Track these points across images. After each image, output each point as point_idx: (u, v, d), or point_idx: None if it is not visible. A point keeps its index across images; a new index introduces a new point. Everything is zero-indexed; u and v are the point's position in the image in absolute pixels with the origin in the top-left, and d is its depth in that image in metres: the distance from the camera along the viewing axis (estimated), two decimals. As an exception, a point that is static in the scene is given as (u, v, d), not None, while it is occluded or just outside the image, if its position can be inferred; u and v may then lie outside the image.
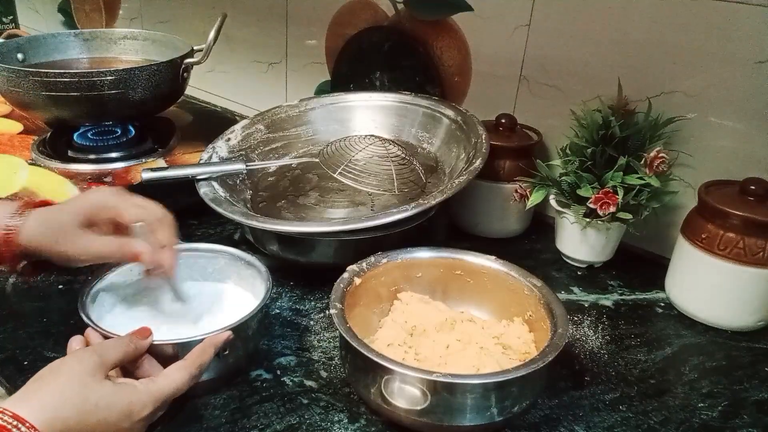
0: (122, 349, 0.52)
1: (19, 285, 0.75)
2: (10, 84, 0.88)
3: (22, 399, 0.46)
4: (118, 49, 1.14)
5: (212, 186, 0.81)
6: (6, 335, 0.67)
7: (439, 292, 0.69)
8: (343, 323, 0.56)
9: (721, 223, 0.70)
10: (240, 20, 1.28)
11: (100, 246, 0.59)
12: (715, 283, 0.71)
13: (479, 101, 0.99)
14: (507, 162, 0.87)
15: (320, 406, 0.59)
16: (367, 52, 1.10)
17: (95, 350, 0.51)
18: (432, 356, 0.59)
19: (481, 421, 0.53)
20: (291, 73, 1.26)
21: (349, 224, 0.71)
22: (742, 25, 0.73)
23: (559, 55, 0.89)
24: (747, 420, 0.60)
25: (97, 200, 0.60)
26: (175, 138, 1.03)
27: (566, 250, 0.85)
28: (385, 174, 0.81)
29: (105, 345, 0.53)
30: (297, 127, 0.98)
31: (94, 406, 0.47)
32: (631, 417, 0.60)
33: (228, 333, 0.57)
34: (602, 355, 0.68)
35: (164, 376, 0.53)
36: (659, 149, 0.75)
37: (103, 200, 0.60)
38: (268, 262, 0.67)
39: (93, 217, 0.59)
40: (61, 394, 0.46)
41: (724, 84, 0.77)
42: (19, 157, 0.92)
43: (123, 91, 0.89)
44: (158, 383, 0.52)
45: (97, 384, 0.48)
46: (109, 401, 0.48)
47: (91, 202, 0.60)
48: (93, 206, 0.59)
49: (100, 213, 0.59)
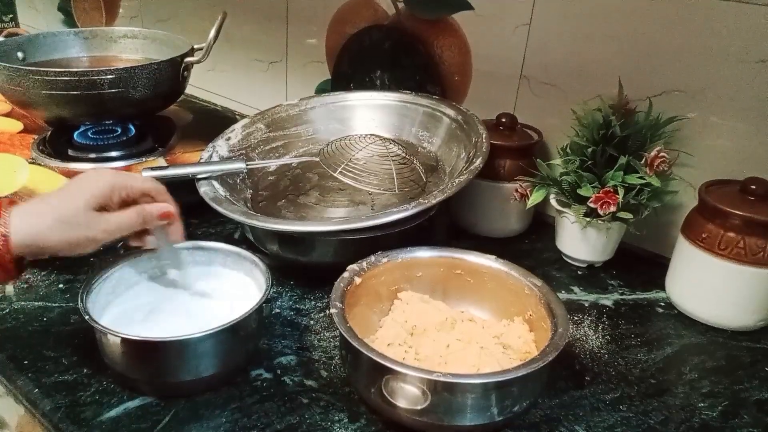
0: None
1: (20, 284, 0.75)
2: (10, 83, 0.87)
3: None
4: (118, 48, 1.14)
5: (212, 185, 0.80)
6: (6, 334, 0.67)
7: (439, 291, 0.69)
8: (344, 323, 0.56)
9: (722, 223, 0.70)
10: (240, 19, 1.28)
11: (120, 220, 0.60)
12: (716, 283, 0.71)
13: (480, 100, 0.99)
14: (507, 161, 0.86)
15: (320, 405, 0.59)
16: (368, 51, 1.10)
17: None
18: (432, 356, 0.59)
19: (482, 420, 0.53)
20: (291, 72, 1.26)
21: (350, 223, 0.71)
22: (743, 24, 0.73)
23: (560, 54, 0.89)
24: (747, 420, 0.60)
25: (107, 183, 0.60)
26: (176, 137, 1.03)
27: (566, 250, 0.85)
28: (385, 173, 0.81)
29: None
30: (297, 126, 0.98)
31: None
32: (631, 417, 0.60)
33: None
34: (602, 355, 0.68)
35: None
36: (660, 149, 0.75)
37: (112, 183, 0.60)
38: (268, 261, 0.67)
39: (105, 201, 0.59)
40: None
41: (724, 83, 0.77)
42: (19, 156, 0.91)
43: (123, 89, 0.89)
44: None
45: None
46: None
47: (103, 185, 0.59)
48: (104, 189, 0.59)
49: (112, 195, 0.60)
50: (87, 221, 0.58)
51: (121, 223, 0.60)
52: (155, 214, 0.61)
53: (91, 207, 0.58)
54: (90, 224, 0.58)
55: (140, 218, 0.60)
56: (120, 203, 0.61)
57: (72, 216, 0.57)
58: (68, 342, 0.66)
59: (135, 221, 0.60)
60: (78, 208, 0.57)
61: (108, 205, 0.60)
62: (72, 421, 0.56)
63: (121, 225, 0.60)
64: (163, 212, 0.62)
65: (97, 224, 0.58)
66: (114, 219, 0.59)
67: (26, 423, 0.66)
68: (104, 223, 0.59)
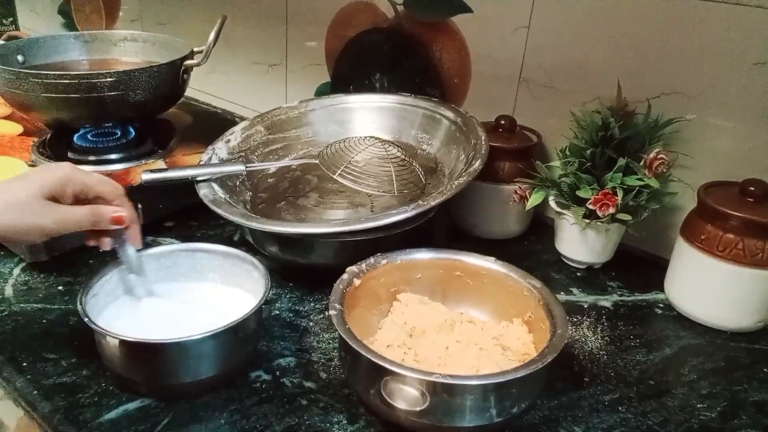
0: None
1: (19, 286, 0.75)
2: (10, 86, 0.88)
3: None
4: (118, 51, 1.14)
5: (212, 187, 0.81)
6: (5, 336, 0.67)
7: (438, 293, 0.69)
8: (343, 324, 0.56)
9: (721, 224, 0.70)
10: (240, 22, 1.28)
11: (72, 214, 0.59)
12: (715, 284, 0.72)
13: (479, 102, 0.99)
14: (506, 163, 0.87)
15: (319, 407, 0.59)
16: (367, 54, 1.10)
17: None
18: (431, 357, 0.59)
19: (481, 422, 0.53)
20: (291, 75, 1.26)
21: (349, 225, 0.71)
22: (741, 26, 0.73)
23: (559, 56, 0.89)
24: (746, 421, 0.60)
25: (63, 174, 0.59)
26: (175, 139, 1.03)
27: (565, 252, 0.85)
28: (384, 175, 0.81)
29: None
30: (297, 128, 0.99)
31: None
32: (630, 418, 0.60)
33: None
34: (601, 356, 0.68)
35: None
36: (658, 150, 0.75)
37: (68, 174, 0.59)
38: (267, 263, 0.67)
39: (59, 191, 0.58)
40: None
41: (723, 85, 0.77)
42: (19, 159, 0.92)
43: (123, 92, 0.89)
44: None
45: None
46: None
47: (56, 176, 0.59)
48: (59, 180, 0.58)
49: (66, 187, 0.59)
50: (38, 208, 0.57)
51: (72, 217, 0.59)
52: (107, 217, 0.60)
53: (42, 195, 0.57)
54: (40, 212, 0.57)
55: (91, 217, 0.59)
56: (74, 198, 0.60)
57: (22, 201, 0.56)
58: (67, 344, 0.66)
59: (86, 219, 0.59)
60: (29, 194, 0.57)
61: (61, 196, 0.59)
62: (71, 422, 0.56)
63: (72, 219, 0.59)
64: (115, 217, 0.61)
65: (48, 213, 0.57)
66: (66, 210, 0.58)
67: (25, 425, 0.66)
68: (55, 213, 0.58)
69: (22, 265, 0.79)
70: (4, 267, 0.78)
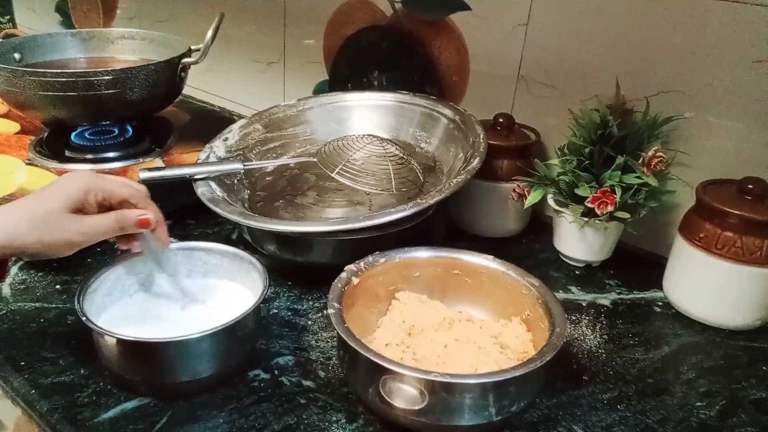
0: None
1: (17, 285, 0.75)
2: (7, 84, 0.87)
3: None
4: (115, 49, 1.14)
5: (210, 186, 0.80)
6: (3, 336, 0.66)
7: (437, 291, 0.69)
8: (341, 323, 0.56)
9: (719, 222, 0.70)
10: (238, 20, 1.28)
11: (96, 223, 0.59)
12: (713, 283, 0.72)
13: (477, 101, 0.99)
14: (505, 161, 0.86)
15: (318, 405, 0.59)
16: (365, 52, 1.10)
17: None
18: (430, 356, 0.59)
19: (479, 420, 0.53)
20: (289, 73, 1.26)
21: (347, 224, 0.71)
22: (740, 24, 0.73)
23: (557, 54, 0.89)
24: (745, 419, 0.60)
25: (84, 184, 0.59)
26: (173, 138, 1.02)
27: (564, 250, 0.85)
28: (383, 173, 0.81)
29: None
30: (295, 126, 0.98)
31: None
32: (629, 416, 0.60)
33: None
34: (600, 355, 0.68)
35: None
36: (657, 148, 0.75)
37: (89, 183, 0.59)
38: (266, 262, 0.66)
39: (81, 202, 0.58)
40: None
41: (721, 83, 0.77)
42: (16, 157, 0.91)
43: (120, 90, 0.89)
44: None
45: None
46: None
47: (78, 187, 0.58)
48: (80, 190, 0.58)
49: (88, 197, 0.59)
50: (61, 223, 0.57)
51: (97, 226, 0.59)
52: (133, 221, 0.60)
53: (65, 209, 0.57)
54: (65, 226, 0.57)
55: (118, 224, 0.59)
56: (98, 206, 0.60)
57: (46, 218, 0.56)
58: (65, 343, 0.66)
59: (112, 226, 0.59)
60: (52, 210, 0.57)
61: (84, 207, 0.59)
62: (69, 422, 0.56)
63: (98, 229, 0.59)
64: (141, 219, 0.61)
65: (72, 227, 0.57)
66: (90, 222, 0.58)
67: (23, 424, 0.66)
68: (79, 226, 0.58)
69: (19, 263, 0.78)
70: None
